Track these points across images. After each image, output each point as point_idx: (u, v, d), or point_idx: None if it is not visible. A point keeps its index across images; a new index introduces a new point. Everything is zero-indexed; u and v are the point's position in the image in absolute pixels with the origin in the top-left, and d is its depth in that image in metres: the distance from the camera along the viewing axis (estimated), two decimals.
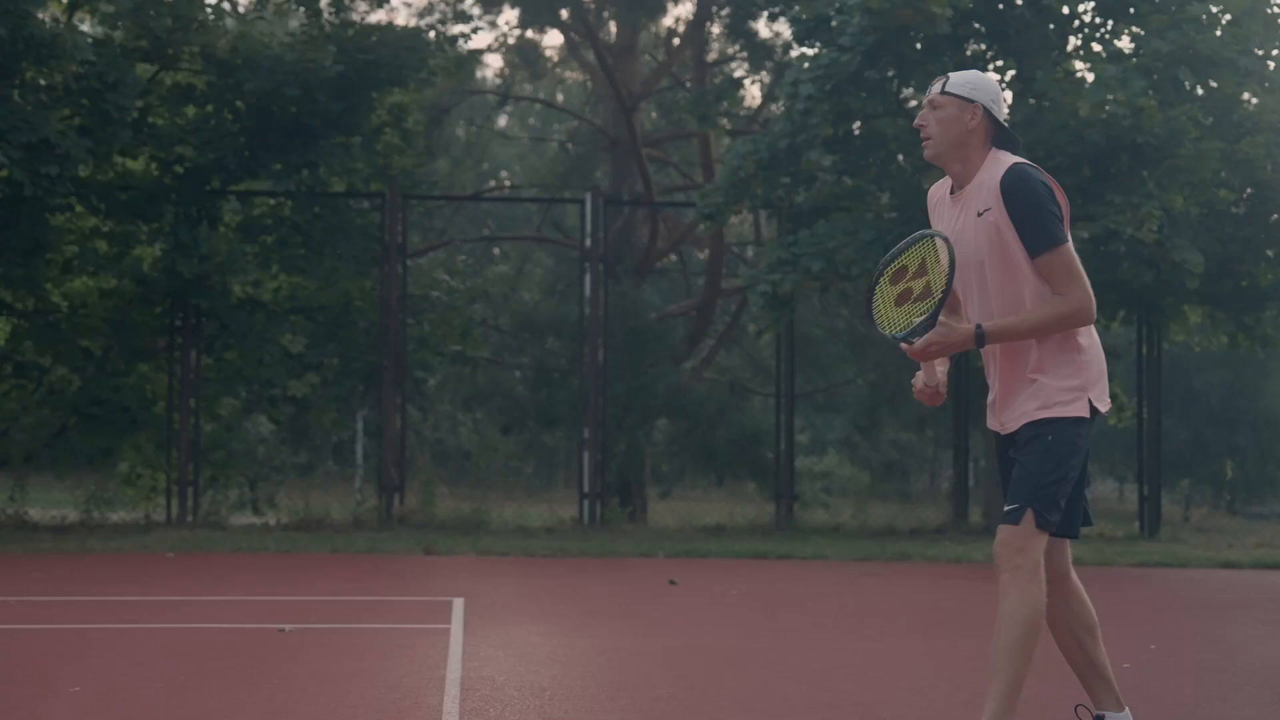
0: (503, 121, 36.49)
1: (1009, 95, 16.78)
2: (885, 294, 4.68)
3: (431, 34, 17.72)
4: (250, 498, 17.49)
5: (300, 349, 16.68)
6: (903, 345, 4.60)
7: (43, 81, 15.11)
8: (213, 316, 16.58)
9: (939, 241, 4.59)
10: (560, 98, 34.81)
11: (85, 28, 17.30)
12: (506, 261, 32.79)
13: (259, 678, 6.27)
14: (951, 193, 4.75)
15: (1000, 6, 15.82)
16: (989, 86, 4.69)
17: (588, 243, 17.14)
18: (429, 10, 26.82)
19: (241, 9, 17.56)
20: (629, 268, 23.31)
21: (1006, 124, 4.70)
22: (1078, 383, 4.58)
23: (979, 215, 4.60)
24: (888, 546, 14.73)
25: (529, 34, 27.55)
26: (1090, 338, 4.65)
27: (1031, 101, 15.75)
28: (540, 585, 10.80)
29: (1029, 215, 4.50)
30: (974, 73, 4.74)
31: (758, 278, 16.01)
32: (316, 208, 17.24)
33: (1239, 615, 9.76)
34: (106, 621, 8.34)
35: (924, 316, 4.55)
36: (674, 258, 27.42)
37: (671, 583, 10.90)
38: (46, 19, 15.45)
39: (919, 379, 4.79)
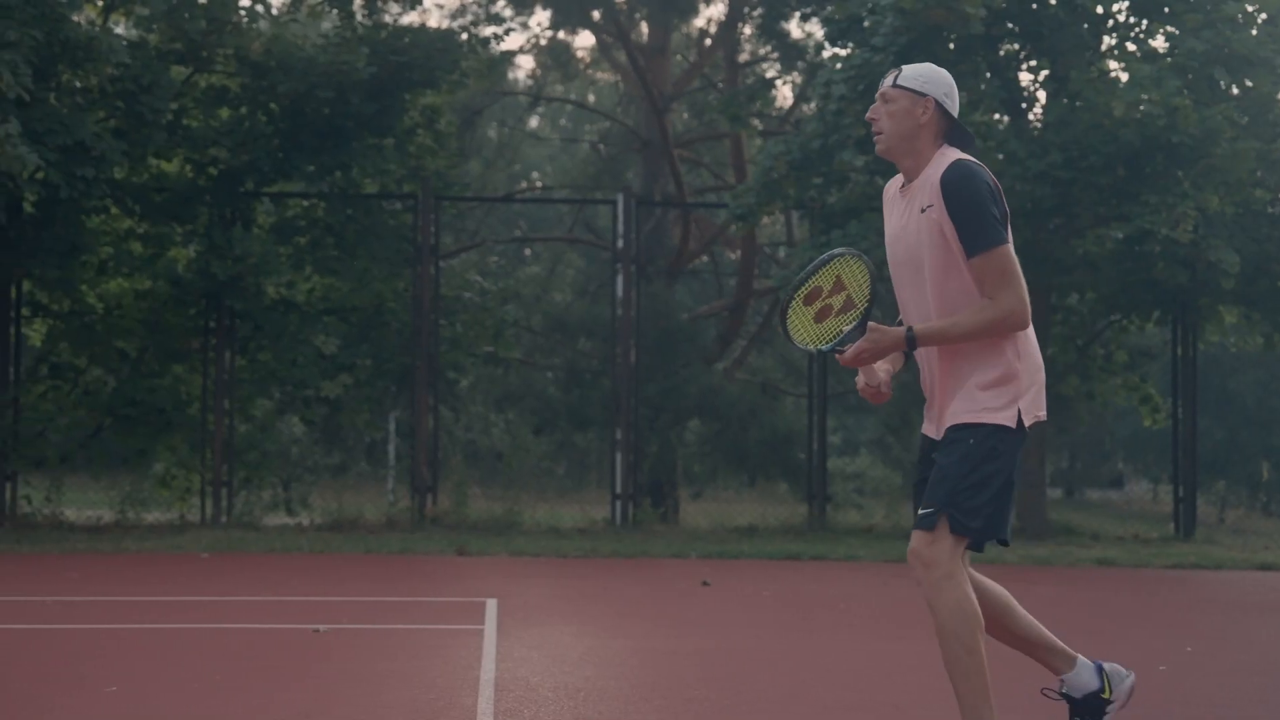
0: (534, 123, 36.57)
1: (1043, 95, 16.73)
2: (801, 315, 4.63)
3: (464, 35, 17.76)
4: (284, 498, 17.53)
5: (333, 350, 16.73)
6: (836, 356, 4.56)
7: (78, 84, 15.21)
8: (246, 317, 16.65)
9: (851, 259, 4.57)
10: (592, 98, 34.85)
11: (120, 30, 17.41)
12: (538, 262, 32.84)
13: (293, 678, 6.29)
14: (902, 188, 4.66)
15: (1034, 6, 15.76)
16: (942, 80, 4.59)
17: (619, 244, 17.14)
18: (461, 12, 26.90)
19: (275, 11, 17.64)
20: (661, 268, 23.32)
21: (960, 119, 4.61)
22: (1010, 390, 4.44)
23: (922, 211, 4.50)
24: None
25: (561, 35, 27.59)
26: (1028, 344, 4.52)
27: (1065, 101, 15.69)
28: (573, 586, 10.81)
29: (968, 214, 4.38)
30: (928, 66, 4.64)
31: (790, 278, 15.99)
32: (349, 209, 17.29)
33: (1275, 617, 9.69)
34: (142, 621, 8.39)
35: (853, 325, 4.52)
36: (706, 258, 27.41)
37: (704, 584, 10.89)
38: (82, 21, 15.55)
39: (861, 379, 4.72)
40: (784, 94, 29.40)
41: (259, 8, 16.79)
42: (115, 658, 6.86)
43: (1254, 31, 15.34)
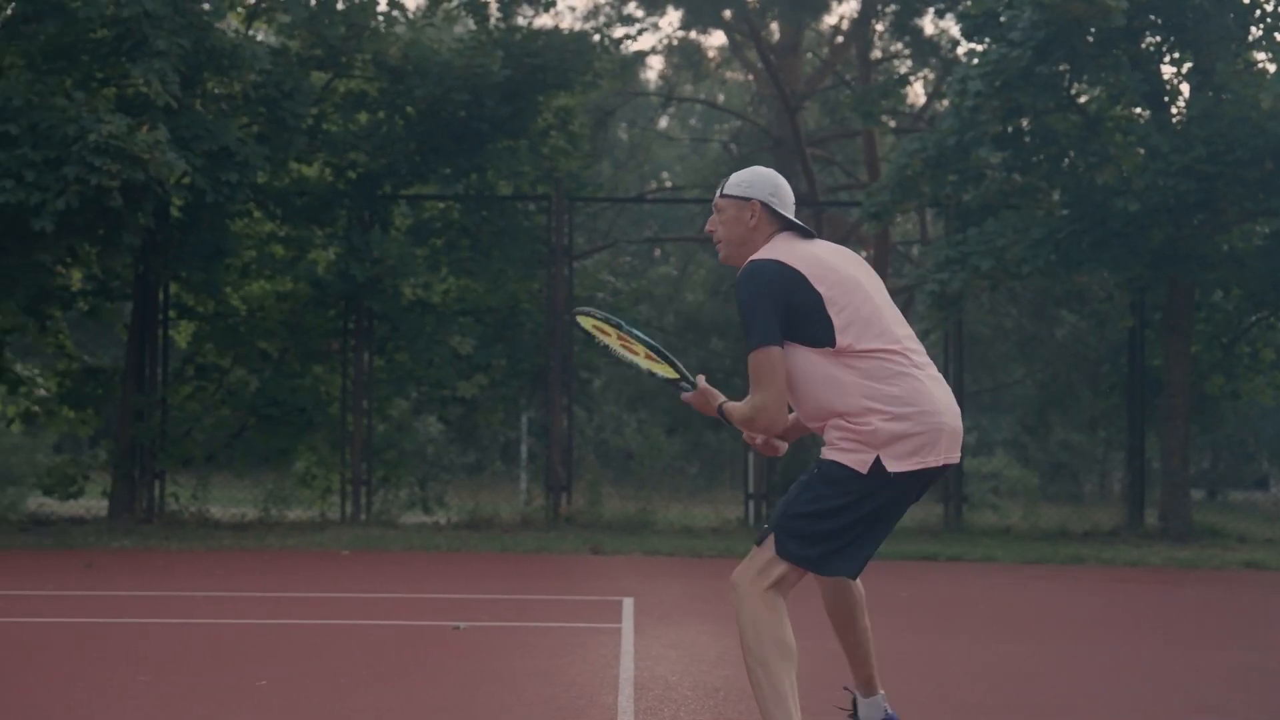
0: (664, 123, 36.66)
1: (1186, 89, 16.37)
2: (606, 335, 4.83)
3: (596, 37, 17.86)
4: (420, 497, 17.75)
5: (469, 350, 16.92)
6: (679, 394, 4.74)
7: (223, 91, 15.57)
8: (384, 318, 16.91)
9: (583, 317, 4.84)
10: (721, 98, 34.84)
11: (262, 38, 17.77)
12: (670, 262, 32.91)
13: (436, 674, 6.38)
14: None
15: None
16: (764, 181, 4.52)
17: None
18: (594, 13, 27.06)
19: (411, 16, 17.89)
20: None
21: (790, 215, 4.53)
22: (864, 437, 4.26)
23: None
24: (1060, 549, 14.45)
25: (692, 35, 27.64)
26: (905, 408, 4.27)
27: (1210, 94, 15.34)
28: (707, 585, 10.81)
29: (742, 314, 4.37)
30: (750, 170, 4.59)
31: (925, 277, 15.83)
32: (484, 211, 17.49)
33: None
34: (287, 617, 8.56)
35: (680, 377, 4.68)
36: None
37: None
38: (226, 30, 15.91)
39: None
40: (916, 91, 29.14)
41: (396, 13, 17.05)
42: (263, 652, 7.00)
43: None
